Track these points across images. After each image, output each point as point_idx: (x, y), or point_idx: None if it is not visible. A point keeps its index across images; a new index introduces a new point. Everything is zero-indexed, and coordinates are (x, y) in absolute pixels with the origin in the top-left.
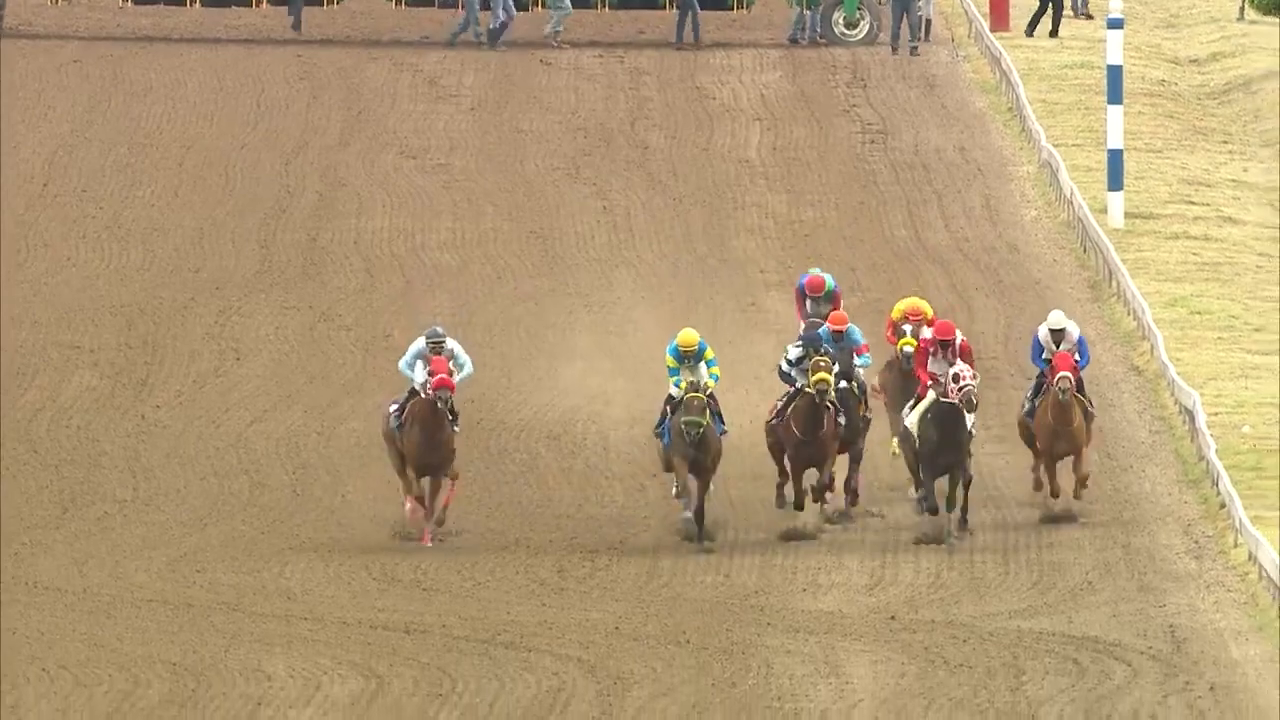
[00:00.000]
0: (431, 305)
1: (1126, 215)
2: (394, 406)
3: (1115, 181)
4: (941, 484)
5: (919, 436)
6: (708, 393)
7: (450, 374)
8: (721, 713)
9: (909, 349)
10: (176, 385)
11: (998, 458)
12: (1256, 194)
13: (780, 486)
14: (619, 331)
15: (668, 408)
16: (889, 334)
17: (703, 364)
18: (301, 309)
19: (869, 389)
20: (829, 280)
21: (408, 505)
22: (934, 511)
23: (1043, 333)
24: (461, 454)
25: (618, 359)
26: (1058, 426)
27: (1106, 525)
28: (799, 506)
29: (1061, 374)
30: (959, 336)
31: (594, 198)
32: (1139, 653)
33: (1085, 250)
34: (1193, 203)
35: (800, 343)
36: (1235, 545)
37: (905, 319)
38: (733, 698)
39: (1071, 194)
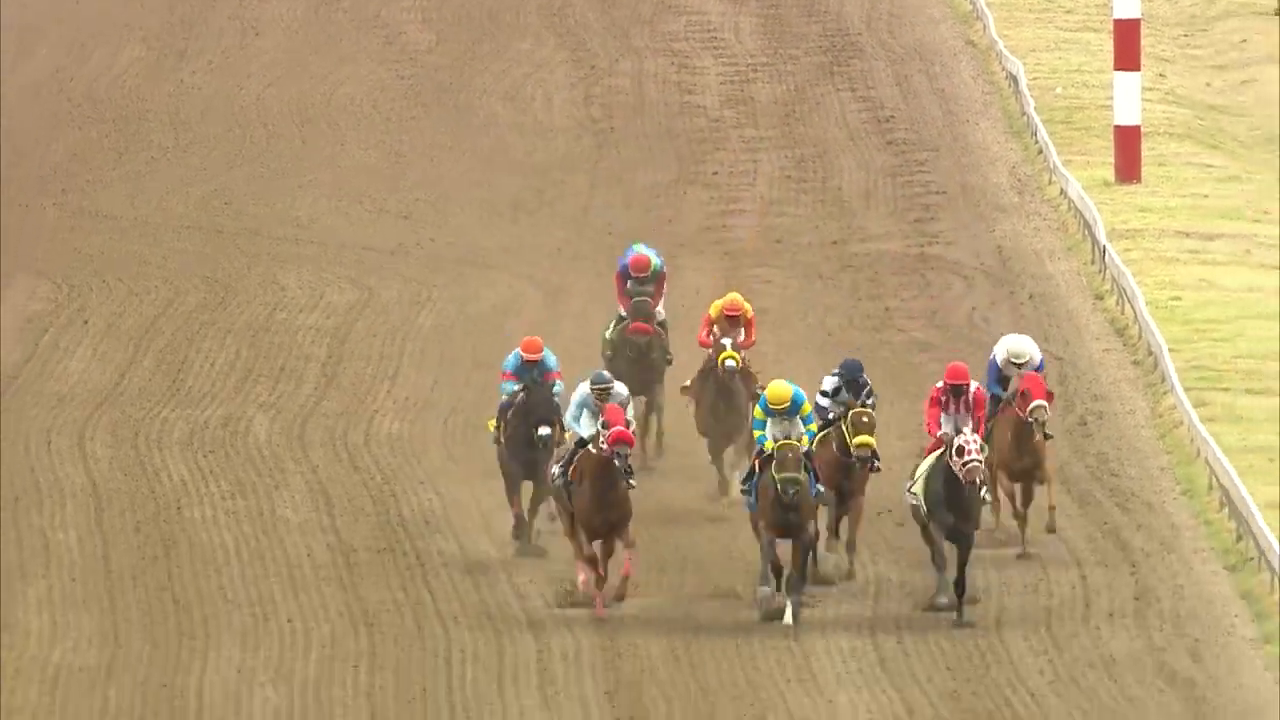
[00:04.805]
0: None
1: None
2: (557, 466)
3: None
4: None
5: (924, 492)
6: (803, 450)
7: (628, 424)
8: None
9: (731, 363)
10: (208, 56)
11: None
12: None
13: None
14: (561, 13)
15: (756, 463)
16: (703, 333)
17: (798, 419)
18: None
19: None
20: (655, 260)
21: (580, 576)
22: (942, 567)
23: (1001, 357)
24: (432, 114)
25: (559, 36)
26: (1016, 442)
27: (948, 168)
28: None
29: (1038, 403)
30: (973, 385)
31: None
32: (973, 268)
33: None
34: None
35: (836, 374)
36: (1049, 183)
37: (722, 317)
38: None
39: None
